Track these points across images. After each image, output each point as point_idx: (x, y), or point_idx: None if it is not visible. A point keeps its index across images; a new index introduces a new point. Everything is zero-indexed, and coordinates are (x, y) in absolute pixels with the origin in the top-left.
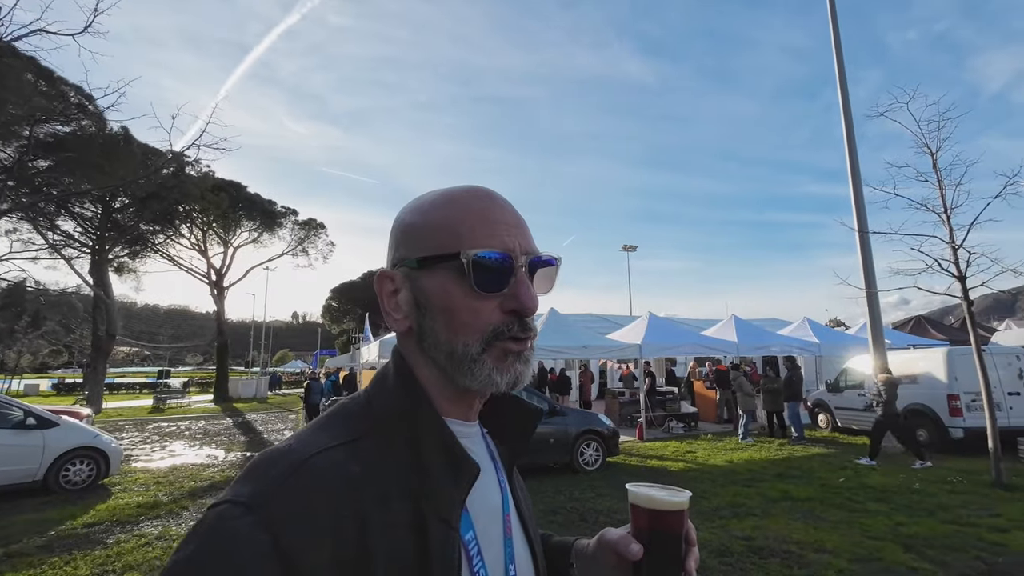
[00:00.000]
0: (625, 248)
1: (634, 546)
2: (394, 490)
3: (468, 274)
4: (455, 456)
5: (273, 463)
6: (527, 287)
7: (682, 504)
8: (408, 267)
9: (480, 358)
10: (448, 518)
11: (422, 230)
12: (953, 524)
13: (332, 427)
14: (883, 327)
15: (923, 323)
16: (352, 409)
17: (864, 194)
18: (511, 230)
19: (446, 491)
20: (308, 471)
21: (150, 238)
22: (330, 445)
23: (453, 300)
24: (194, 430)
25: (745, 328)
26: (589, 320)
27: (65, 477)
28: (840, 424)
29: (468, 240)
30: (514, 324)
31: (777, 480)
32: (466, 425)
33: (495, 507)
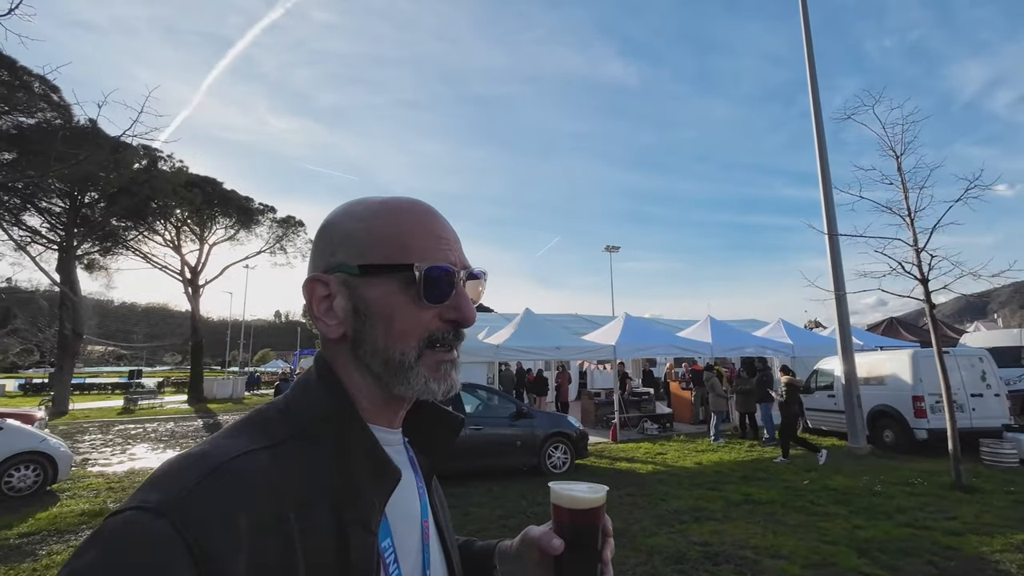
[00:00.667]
0: (607, 249)
1: (556, 541)
2: (315, 495)
3: (419, 285)
4: (377, 461)
5: (185, 469)
6: (467, 299)
7: (599, 500)
8: (347, 273)
9: (415, 366)
10: (368, 523)
11: (365, 238)
12: (909, 527)
13: (250, 431)
14: (855, 328)
15: (895, 324)
16: (270, 414)
17: (834, 197)
18: (452, 245)
19: (367, 496)
20: (225, 475)
21: (122, 234)
22: (249, 449)
23: (395, 309)
24: (161, 432)
25: (720, 329)
26: (568, 320)
27: (8, 483)
28: (811, 425)
29: (418, 253)
30: (450, 333)
31: (742, 483)
32: (390, 432)
33: (414, 514)
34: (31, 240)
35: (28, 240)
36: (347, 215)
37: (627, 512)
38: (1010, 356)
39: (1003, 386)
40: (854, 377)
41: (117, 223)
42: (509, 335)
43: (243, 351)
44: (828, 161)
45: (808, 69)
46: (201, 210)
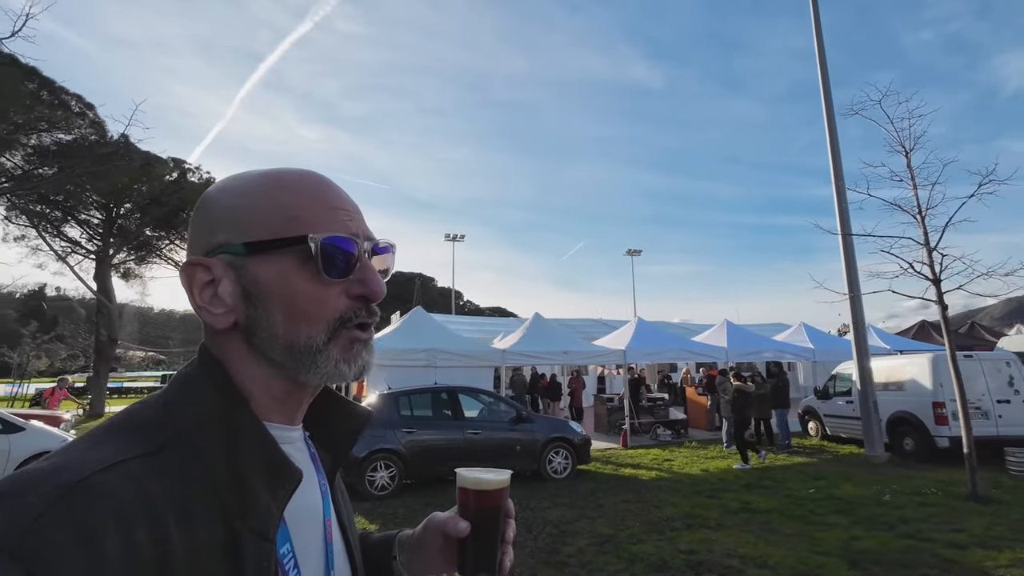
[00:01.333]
0: (629, 252)
1: (462, 524)
2: (201, 506)
3: (316, 259)
4: (275, 462)
5: (32, 486)
6: (373, 271)
7: (503, 483)
8: (231, 254)
9: (325, 349)
10: (264, 531)
11: (249, 213)
12: (910, 539)
13: (118, 438)
14: (882, 332)
15: (927, 328)
16: (144, 416)
17: (848, 196)
18: (352, 215)
19: (263, 502)
20: (85, 493)
21: (154, 243)
22: (117, 460)
23: (294, 288)
24: None
25: (737, 333)
26: (586, 325)
27: None
28: (829, 432)
29: (309, 224)
30: (361, 310)
31: (744, 490)
32: (289, 429)
33: (316, 513)
34: (72, 250)
35: (69, 250)
36: (226, 190)
37: (619, 518)
38: None
39: None
40: (870, 382)
41: (151, 233)
42: (517, 339)
43: None
44: (841, 158)
45: (819, 63)
46: None
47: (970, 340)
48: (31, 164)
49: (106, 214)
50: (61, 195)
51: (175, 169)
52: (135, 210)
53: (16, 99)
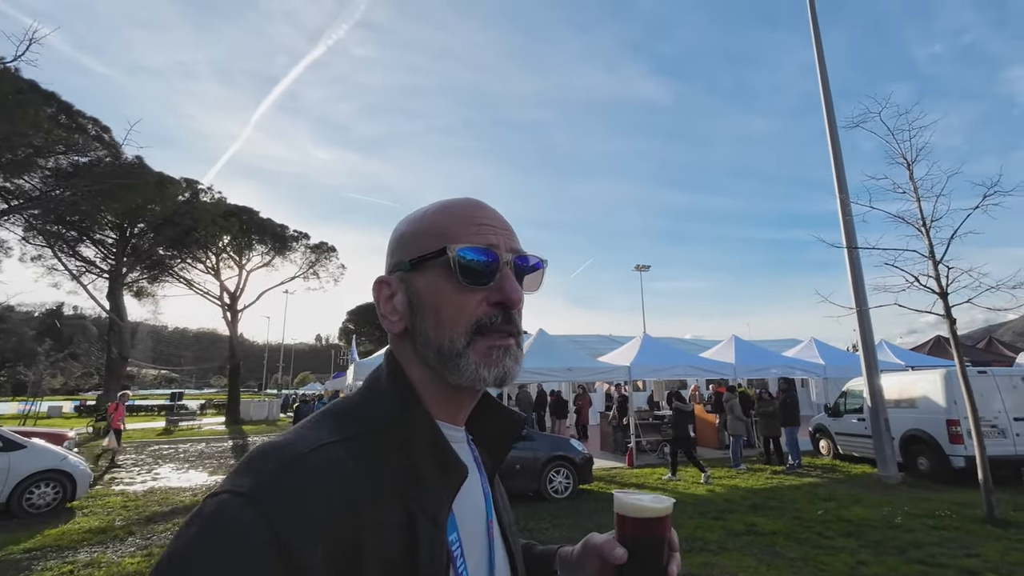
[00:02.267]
0: (638, 268)
1: (619, 550)
2: (385, 489)
3: (454, 268)
4: (444, 457)
5: (271, 456)
6: (511, 280)
7: (665, 511)
8: (402, 271)
9: (465, 352)
10: (436, 518)
11: (415, 236)
12: (921, 564)
13: (325, 425)
14: (896, 347)
15: (943, 343)
16: (346, 408)
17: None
18: (497, 230)
19: (435, 491)
20: (304, 466)
21: (167, 262)
22: (327, 440)
23: (441, 296)
24: (190, 452)
25: (745, 349)
26: (595, 341)
27: (29, 500)
28: (841, 451)
29: (455, 238)
30: (498, 316)
31: (750, 512)
32: (454, 429)
33: (479, 511)
34: (86, 270)
35: (84, 270)
36: (406, 221)
37: None
38: None
39: None
40: (880, 399)
41: (163, 252)
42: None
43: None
44: (844, 171)
45: (820, 75)
46: (238, 238)
47: (988, 356)
48: (48, 186)
49: (120, 234)
50: (77, 216)
51: (187, 189)
52: (148, 230)
53: (36, 123)
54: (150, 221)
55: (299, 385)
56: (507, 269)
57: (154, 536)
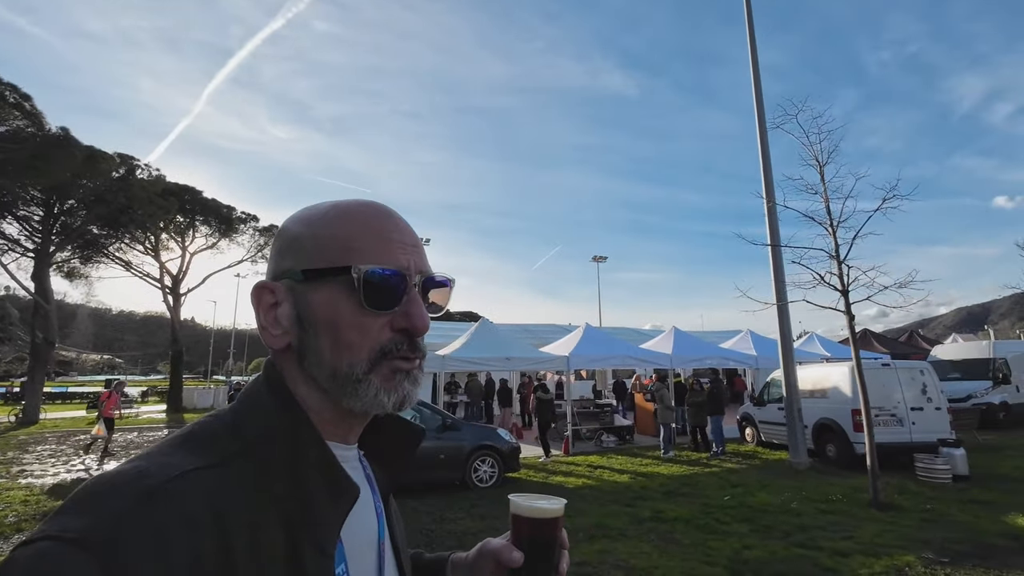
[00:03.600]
0: (596, 259)
1: (516, 554)
2: (265, 518)
3: (358, 289)
4: (333, 478)
5: (116, 490)
6: (419, 306)
7: (558, 512)
8: (292, 280)
9: (366, 378)
10: (324, 546)
11: (311, 242)
12: (801, 548)
13: (194, 448)
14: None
15: (868, 336)
16: (215, 428)
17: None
18: (407, 248)
19: (323, 516)
20: (161, 497)
21: (101, 242)
22: (190, 467)
23: (340, 316)
24: (117, 442)
25: (684, 340)
26: (546, 331)
27: None
28: (764, 438)
29: (361, 255)
30: (403, 343)
31: (662, 498)
32: (345, 448)
33: (371, 534)
34: (8, 248)
35: (6, 248)
36: (298, 220)
37: None
38: (979, 368)
39: (944, 400)
40: (795, 390)
41: (97, 231)
42: (460, 345)
43: (235, 360)
44: (772, 171)
45: (752, 74)
46: (180, 219)
47: (908, 348)
48: None
49: (47, 211)
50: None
51: (122, 165)
52: (79, 207)
53: None
54: (81, 198)
55: (253, 371)
56: (415, 293)
57: None
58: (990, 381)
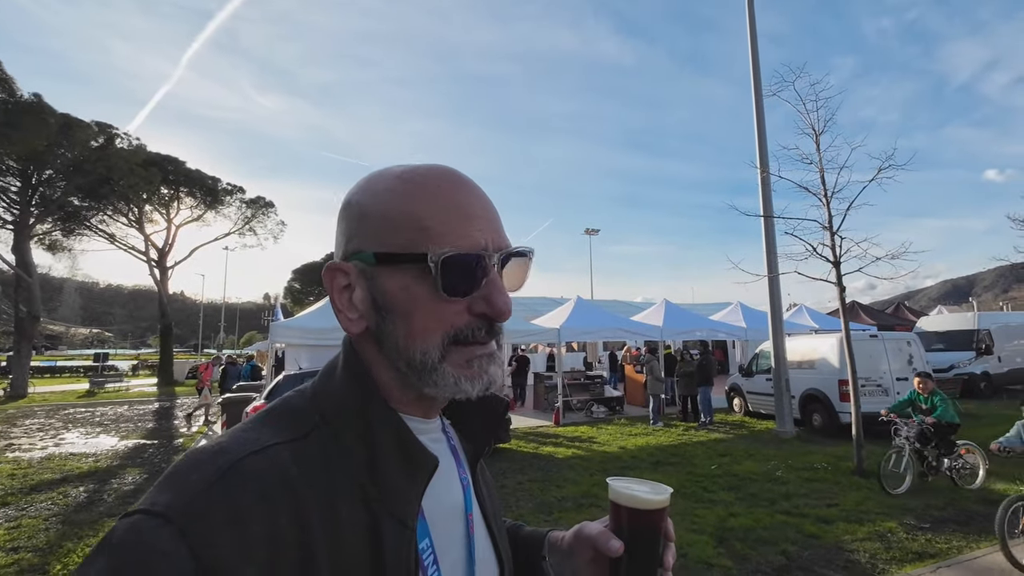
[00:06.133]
0: (588, 232)
1: (614, 542)
2: (343, 491)
3: (435, 277)
4: (410, 450)
5: (198, 466)
6: (499, 290)
7: (663, 502)
8: (364, 262)
9: (440, 367)
10: (404, 518)
11: (381, 221)
12: (785, 515)
13: (273, 423)
14: (815, 312)
15: (856, 308)
16: (296, 403)
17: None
18: (484, 224)
19: (401, 488)
20: (239, 474)
21: (83, 215)
22: (269, 443)
23: (415, 304)
24: (107, 416)
25: (674, 313)
26: (537, 303)
27: None
28: (751, 408)
29: (437, 237)
30: (481, 328)
31: (650, 468)
32: (424, 422)
33: (456, 506)
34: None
35: None
36: (365, 191)
37: (514, 499)
38: (963, 339)
39: (929, 370)
40: (783, 360)
41: (78, 203)
42: None
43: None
44: (767, 140)
45: (749, 39)
46: (164, 190)
47: (894, 320)
48: None
49: (24, 181)
50: None
51: (100, 134)
52: (58, 178)
53: None
54: (59, 168)
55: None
56: (495, 275)
57: (30, 507)
58: (973, 352)
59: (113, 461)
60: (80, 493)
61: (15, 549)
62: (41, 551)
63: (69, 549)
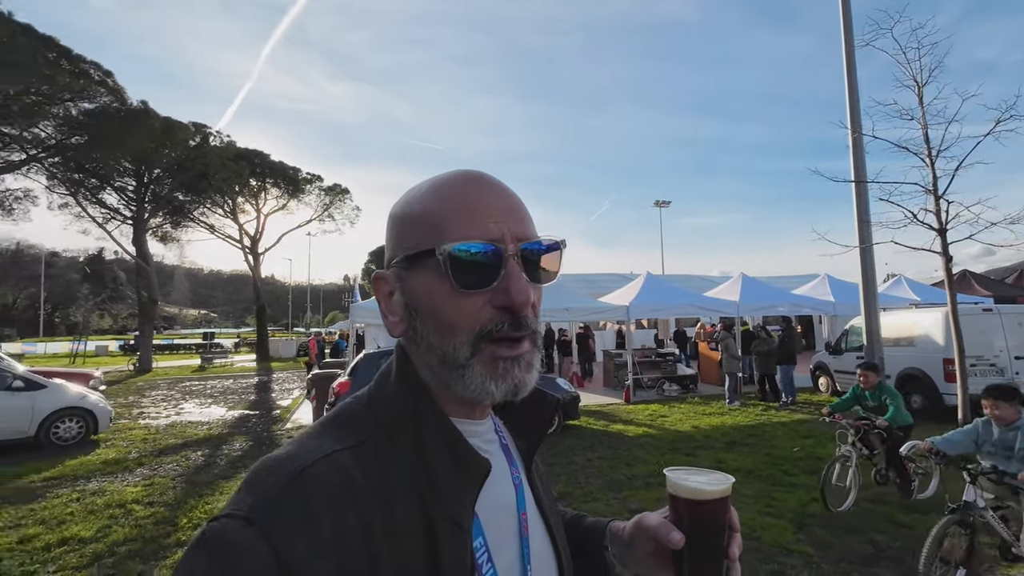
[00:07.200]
0: (658, 204)
1: (675, 534)
2: (400, 494)
3: (446, 271)
4: (462, 455)
5: (272, 471)
6: (518, 280)
7: (723, 492)
8: (398, 267)
9: (470, 363)
10: (459, 520)
11: (406, 225)
12: (871, 502)
13: (334, 430)
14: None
15: (968, 277)
16: (355, 410)
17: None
18: (498, 215)
19: (454, 492)
20: (308, 479)
21: (187, 208)
22: (331, 450)
23: (437, 301)
24: (216, 388)
25: (752, 287)
26: (605, 280)
27: (55, 433)
28: (839, 388)
29: (446, 232)
30: (504, 322)
31: (725, 448)
32: (474, 423)
33: (508, 505)
34: (111, 216)
35: (109, 216)
36: (401, 203)
37: (584, 476)
38: None
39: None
40: (877, 337)
41: (182, 198)
42: None
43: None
44: (859, 96)
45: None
46: (252, 182)
47: (1016, 291)
48: (62, 134)
49: (138, 180)
50: (93, 163)
51: (197, 134)
52: (165, 176)
53: (35, 69)
54: (165, 167)
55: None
56: (513, 265)
57: (160, 468)
58: None
59: (223, 429)
60: (198, 457)
61: (151, 503)
62: (170, 506)
63: (192, 505)
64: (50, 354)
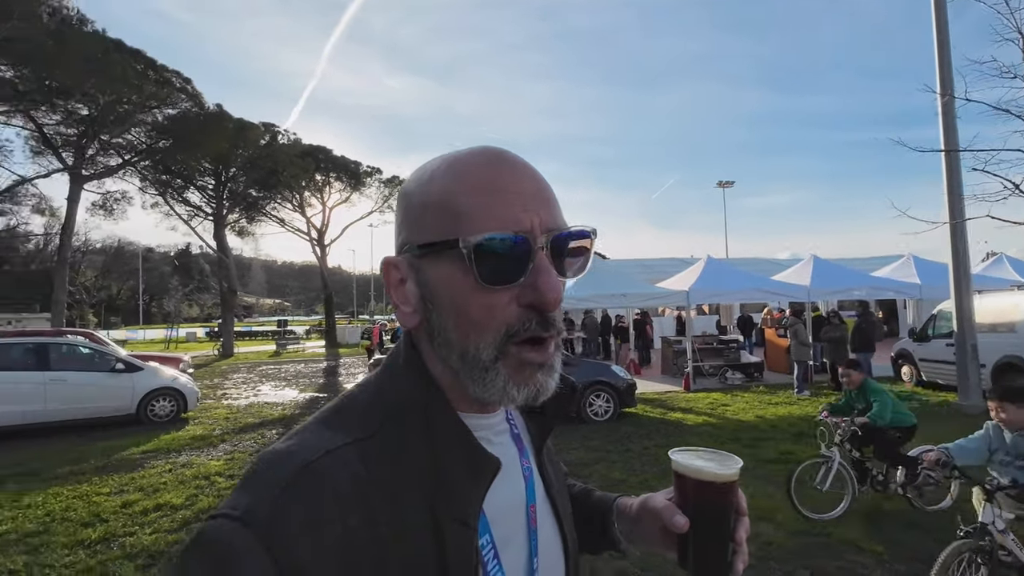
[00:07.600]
0: (721, 184)
1: (679, 518)
2: (407, 492)
3: (471, 265)
4: (471, 453)
5: (272, 467)
6: (548, 275)
7: (731, 476)
8: (411, 254)
9: (494, 367)
10: (466, 519)
11: (421, 209)
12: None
13: (340, 422)
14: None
15: None
16: (362, 401)
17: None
18: (526, 202)
19: (462, 490)
20: (311, 475)
21: (260, 203)
22: (336, 445)
23: (460, 295)
24: (289, 372)
25: (825, 270)
26: (665, 264)
27: (152, 411)
28: (925, 377)
29: (469, 221)
30: (532, 321)
31: (792, 440)
32: (484, 417)
33: (518, 500)
34: (195, 214)
35: (193, 213)
36: (412, 180)
37: (639, 464)
38: None
39: None
40: (970, 322)
41: (256, 194)
42: (571, 283)
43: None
44: (950, 55)
45: None
46: (317, 176)
47: None
48: (151, 139)
49: (217, 179)
50: (178, 165)
51: (266, 133)
52: (239, 174)
53: (126, 80)
54: (239, 165)
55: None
56: (542, 258)
57: (240, 443)
58: None
59: (296, 410)
60: (273, 436)
61: (231, 476)
62: None
63: None
64: (148, 340)
